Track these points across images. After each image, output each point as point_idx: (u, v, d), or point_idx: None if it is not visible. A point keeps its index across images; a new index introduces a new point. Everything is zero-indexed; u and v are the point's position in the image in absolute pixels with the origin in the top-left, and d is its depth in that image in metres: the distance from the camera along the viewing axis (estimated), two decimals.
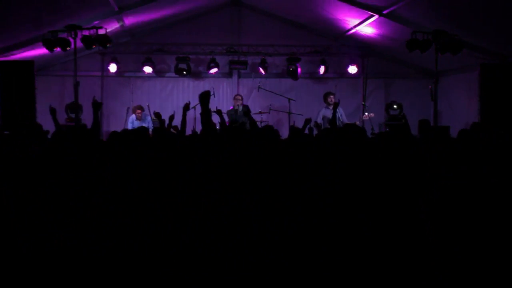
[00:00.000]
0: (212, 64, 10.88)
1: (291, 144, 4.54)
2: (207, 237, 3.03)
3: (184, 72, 10.96)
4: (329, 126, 8.97)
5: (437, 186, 3.17)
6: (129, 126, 10.10)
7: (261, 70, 11.05)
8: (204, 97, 4.14)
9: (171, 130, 6.17)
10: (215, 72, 11.05)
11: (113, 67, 10.80)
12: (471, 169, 3.32)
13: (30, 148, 4.19)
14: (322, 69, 11.18)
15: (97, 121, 4.94)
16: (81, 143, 3.78)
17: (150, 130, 9.93)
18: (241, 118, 9.97)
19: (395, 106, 11.17)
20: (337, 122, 9.09)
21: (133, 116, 10.30)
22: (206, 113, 4.12)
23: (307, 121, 5.81)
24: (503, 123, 8.45)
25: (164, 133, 4.40)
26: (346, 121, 9.81)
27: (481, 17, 7.67)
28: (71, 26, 8.23)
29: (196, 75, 11.44)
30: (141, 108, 10.31)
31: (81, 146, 3.73)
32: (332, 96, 10.08)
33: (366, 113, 10.30)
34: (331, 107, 10.01)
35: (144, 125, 10.05)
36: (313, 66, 11.45)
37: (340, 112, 9.89)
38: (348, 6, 8.74)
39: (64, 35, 8.33)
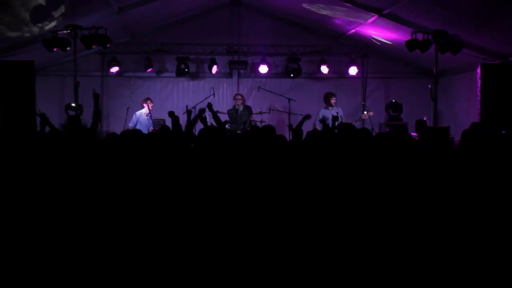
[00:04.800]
0: (212, 64, 10.87)
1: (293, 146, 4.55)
2: (206, 239, 3.03)
3: (184, 69, 10.93)
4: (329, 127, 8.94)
5: (436, 186, 3.17)
6: (134, 121, 10.00)
7: (261, 70, 11.04)
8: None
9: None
10: (215, 72, 11.04)
11: (113, 67, 10.79)
12: (471, 169, 3.32)
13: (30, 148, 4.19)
14: (322, 69, 11.17)
15: (98, 111, 5.03)
16: (80, 143, 3.78)
17: (151, 129, 9.91)
18: (241, 117, 9.96)
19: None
20: (337, 122, 9.06)
21: (141, 110, 10.09)
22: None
23: (307, 117, 5.91)
24: (504, 123, 8.44)
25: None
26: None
27: (481, 17, 7.66)
28: (71, 26, 8.22)
29: (196, 75, 11.44)
30: (149, 99, 10.11)
31: (80, 146, 3.73)
32: (334, 98, 10.04)
33: (365, 112, 10.28)
34: (330, 108, 9.99)
35: (150, 121, 10.04)
36: (313, 66, 11.45)
37: (339, 113, 9.88)
38: (348, 6, 8.73)
39: (64, 35, 8.32)
